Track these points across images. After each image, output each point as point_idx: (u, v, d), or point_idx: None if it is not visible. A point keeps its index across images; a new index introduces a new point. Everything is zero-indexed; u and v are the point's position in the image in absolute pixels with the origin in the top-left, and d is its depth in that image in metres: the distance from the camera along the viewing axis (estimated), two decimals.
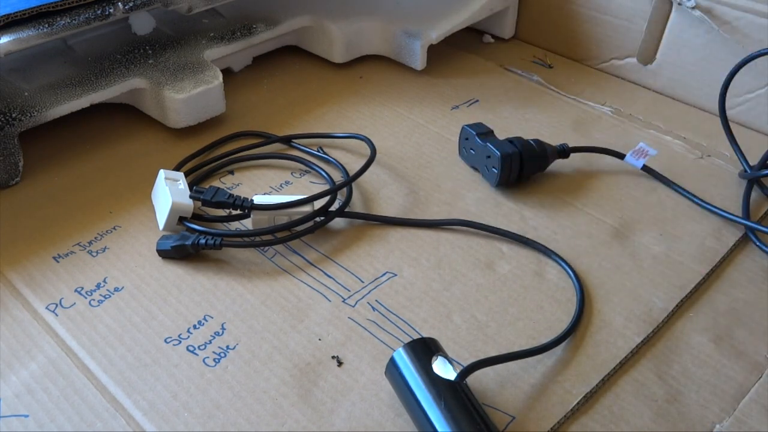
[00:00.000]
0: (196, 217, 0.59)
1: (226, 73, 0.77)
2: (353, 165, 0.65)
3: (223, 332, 0.50)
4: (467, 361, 0.47)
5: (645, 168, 0.66)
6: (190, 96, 0.67)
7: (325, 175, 0.64)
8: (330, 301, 0.53)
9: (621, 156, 0.67)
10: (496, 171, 0.63)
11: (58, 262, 0.56)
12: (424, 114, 0.75)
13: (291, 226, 0.58)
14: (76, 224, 0.59)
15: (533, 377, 0.48)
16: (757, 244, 0.59)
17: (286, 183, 0.65)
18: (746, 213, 0.61)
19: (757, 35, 0.69)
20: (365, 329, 0.51)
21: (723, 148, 0.69)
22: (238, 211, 0.57)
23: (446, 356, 0.45)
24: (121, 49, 0.71)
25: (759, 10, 0.68)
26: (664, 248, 0.58)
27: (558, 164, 0.67)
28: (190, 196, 0.58)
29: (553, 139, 0.71)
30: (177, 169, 0.64)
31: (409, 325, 0.51)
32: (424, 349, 0.45)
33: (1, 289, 0.53)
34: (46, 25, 0.61)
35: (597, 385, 0.47)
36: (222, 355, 0.49)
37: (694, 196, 0.63)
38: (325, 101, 0.77)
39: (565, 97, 0.79)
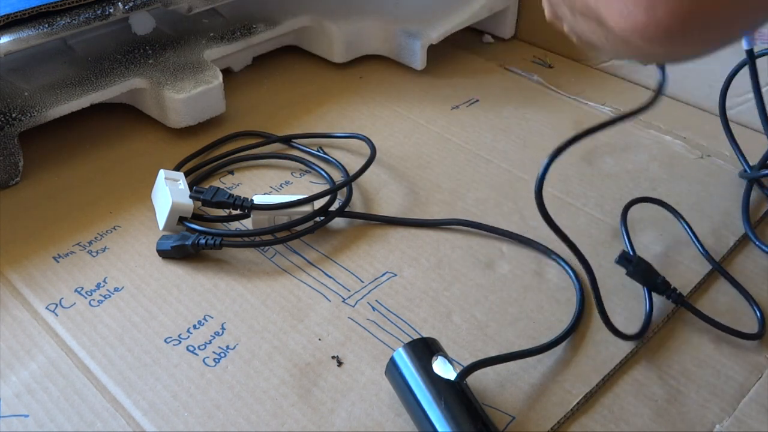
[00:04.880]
0: (196, 217, 0.59)
1: (226, 73, 0.77)
2: (353, 165, 0.65)
3: (223, 332, 0.50)
4: (467, 361, 0.47)
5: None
6: (190, 96, 0.67)
7: (325, 175, 0.64)
8: (330, 301, 0.53)
9: None
10: None
11: (58, 262, 0.56)
12: (424, 114, 0.75)
13: (291, 226, 0.58)
14: (76, 224, 0.59)
15: (533, 377, 0.48)
16: (757, 243, 0.59)
17: (286, 183, 0.65)
18: (746, 213, 0.61)
19: (757, 35, 0.69)
20: (365, 329, 0.51)
21: (723, 148, 0.69)
22: (238, 211, 0.57)
23: (446, 356, 0.45)
24: (121, 49, 0.71)
25: None
26: (664, 248, 0.58)
27: (558, 164, 0.67)
28: (190, 196, 0.58)
29: (553, 139, 0.71)
30: (177, 169, 0.64)
31: (409, 325, 0.51)
32: (424, 349, 0.45)
33: (1, 289, 0.53)
34: (46, 25, 0.61)
35: (597, 385, 0.47)
36: (222, 355, 0.49)
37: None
38: (325, 101, 0.77)
39: (565, 97, 0.79)
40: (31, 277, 0.54)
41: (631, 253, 0.53)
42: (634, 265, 0.51)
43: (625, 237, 0.57)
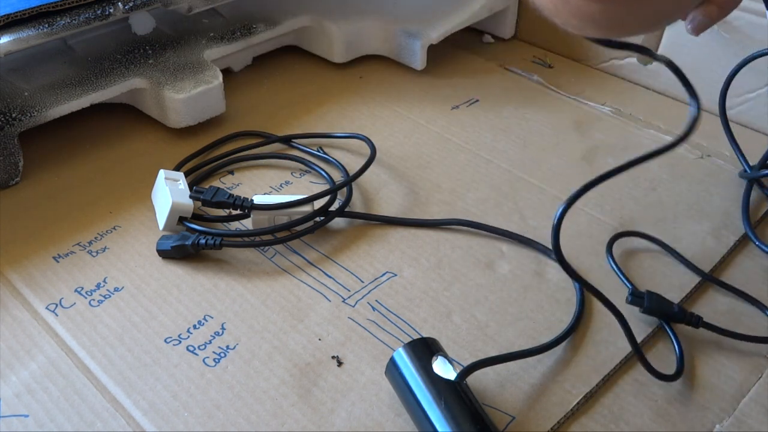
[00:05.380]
0: (196, 217, 0.59)
1: (226, 73, 0.77)
2: (353, 165, 0.65)
3: (223, 332, 0.50)
4: (467, 361, 0.47)
5: None
6: (190, 96, 0.67)
7: (325, 175, 0.64)
8: (330, 301, 0.53)
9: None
10: None
11: (58, 262, 0.56)
12: (424, 114, 0.75)
13: (291, 226, 0.58)
14: (76, 224, 0.59)
15: (533, 377, 0.48)
16: (757, 243, 0.59)
17: (286, 183, 0.65)
18: (746, 213, 0.61)
19: (757, 35, 0.69)
20: (365, 329, 0.51)
21: (723, 148, 0.69)
22: (238, 211, 0.58)
23: (446, 356, 0.45)
24: (121, 49, 0.71)
25: (759, 10, 0.68)
26: (660, 253, 0.58)
27: (558, 164, 0.67)
28: (190, 196, 0.58)
29: (553, 139, 0.71)
30: (177, 169, 0.64)
31: (409, 325, 0.51)
32: (424, 349, 0.45)
33: (1, 289, 0.53)
34: (46, 25, 0.61)
35: (597, 385, 0.47)
36: (222, 355, 0.49)
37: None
38: (325, 101, 0.77)
39: (565, 97, 0.79)
40: (31, 277, 0.54)
41: (630, 287, 0.53)
42: (646, 301, 0.51)
43: (621, 275, 0.55)
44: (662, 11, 0.34)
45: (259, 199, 0.58)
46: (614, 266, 0.56)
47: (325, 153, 0.68)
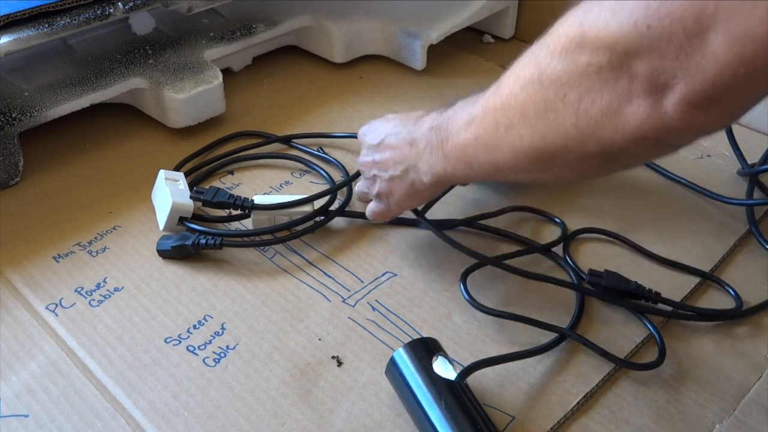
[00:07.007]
0: (197, 217, 0.59)
1: (226, 73, 0.77)
2: (353, 165, 0.65)
3: (223, 332, 0.50)
4: (467, 361, 0.47)
5: None
6: (190, 96, 0.67)
7: (325, 174, 0.64)
8: (330, 301, 0.53)
9: None
10: None
11: (58, 262, 0.56)
12: None
13: (291, 225, 0.58)
14: (76, 224, 0.59)
15: (533, 377, 0.48)
16: (759, 239, 0.59)
17: (286, 183, 0.65)
18: (750, 211, 0.61)
19: None
20: (365, 329, 0.51)
21: (723, 148, 0.69)
22: (239, 211, 0.58)
23: (446, 356, 0.45)
24: (121, 49, 0.71)
25: None
26: (664, 248, 0.58)
27: None
28: (191, 197, 0.58)
29: None
30: (177, 169, 0.64)
31: (409, 325, 0.51)
32: (424, 349, 0.45)
33: (1, 289, 0.53)
34: (46, 25, 0.61)
35: (597, 385, 0.47)
36: (222, 355, 0.49)
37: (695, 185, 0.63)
38: (325, 101, 0.77)
39: None
40: (31, 277, 0.54)
41: (586, 271, 0.54)
42: (604, 280, 0.52)
43: (573, 266, 0.56)
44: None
45: (259, 199, 0.58)
46: (569, 260, 0.57)
47: (325, 153, 0.68)
